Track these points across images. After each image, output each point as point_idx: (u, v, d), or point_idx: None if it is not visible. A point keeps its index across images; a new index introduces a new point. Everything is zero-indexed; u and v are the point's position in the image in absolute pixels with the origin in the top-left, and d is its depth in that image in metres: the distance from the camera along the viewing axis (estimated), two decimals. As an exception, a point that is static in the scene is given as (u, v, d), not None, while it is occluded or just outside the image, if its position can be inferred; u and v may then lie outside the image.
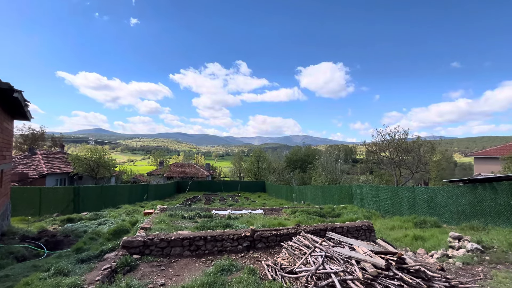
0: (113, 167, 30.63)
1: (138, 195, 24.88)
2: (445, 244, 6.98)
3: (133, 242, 5.88)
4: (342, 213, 14.03)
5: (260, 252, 6.37)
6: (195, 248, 6.18)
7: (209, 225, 8.37)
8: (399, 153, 22.27)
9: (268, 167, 49.84)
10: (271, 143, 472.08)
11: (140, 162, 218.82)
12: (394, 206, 13.92)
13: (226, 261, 5.43)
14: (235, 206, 19.23)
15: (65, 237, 9.32)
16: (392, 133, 22.18)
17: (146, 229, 8.02)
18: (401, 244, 7.95)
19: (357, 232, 7.78)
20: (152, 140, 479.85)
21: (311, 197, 23.88)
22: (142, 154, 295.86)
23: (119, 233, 8.62)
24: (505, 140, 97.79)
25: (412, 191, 13.12)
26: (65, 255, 6.71)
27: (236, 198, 30.19)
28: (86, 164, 25.95)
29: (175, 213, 10.73)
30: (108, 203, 19.11)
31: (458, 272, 5.11)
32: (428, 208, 12.03)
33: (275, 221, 10.08)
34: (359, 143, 27.70)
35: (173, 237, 6.12)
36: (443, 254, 6.28)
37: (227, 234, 6.50)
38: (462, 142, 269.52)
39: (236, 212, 12.84)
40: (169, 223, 9.03)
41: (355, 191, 17.57)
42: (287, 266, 4.80)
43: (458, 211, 10.67)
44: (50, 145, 39.63)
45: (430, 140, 24.70)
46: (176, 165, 49.48)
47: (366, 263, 3.71)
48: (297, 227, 7.29)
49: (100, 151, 28.15)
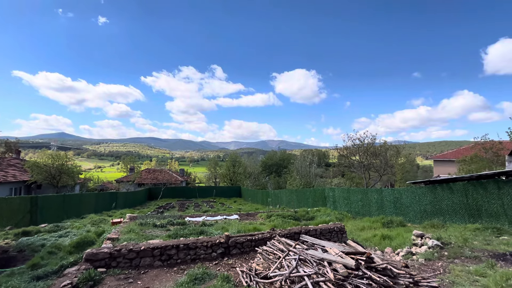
0: (78, 174, 28.53)
1: (106, 204, 23.41)
2: (410, 242, 7.42)
3: (97, 255, 5.48)
4: (316, 216, 14.36)
5: (235, 259, 6.28)
6: (167, 258, 5.93)
7: (182, 233, 8.09)
8: (368, 157, 23.47)
9: (244, 172, 49.73)
10: (247, 148, 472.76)
11: (109, 168, 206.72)
12: (364, 208, 14.57)
13: (200, 270, 5.27)
14: (210, 212, 18.85)
15: (19, 253, 8.43)
16: (362, 138, 23.36)
17: (114, 239, 7.54)
18: (370, 244, 8.31)
19: (329, 234, 8.00)
20: (122, 145, 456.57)
21: (286, 201, 24.19)
22: (111, 160, 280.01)
23: (83, 246, 8.01)
24: (459, 144, 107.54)
25: (380, 193, 13.85)
26: (18, 272, 6.05)
27: (211, 204, 29.65)
28: (46, 171, 23.88)
29: (146, 221, 10.24)
30: (72, 213, 17.72)
31: (421, 268, 5.44)
32: (394, 209, 12.76)
33: (251, 226, 10.02)
34: (332, 147, 28.76)
35: (142, 247, 5.81)
36: (407, 252, 6.67)
37: (200, 242, 6.32)
38: (423, 146, 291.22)
39: (211, 218, 12.58)
40: (139, 232, 8.58)
41: (328, 194, 18.13)
42: (262, 271, 4.77)
43: (421, 211, 11.45)
44: (3, 151, 35.92)
45: (395, 145, 26.36)
46: (148, 171, 47.48)
47: (338, 264, 3.82)
48: (272, 232, 7.31)
49: (62, 157, 26.11)
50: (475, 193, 9.52)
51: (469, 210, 9.67)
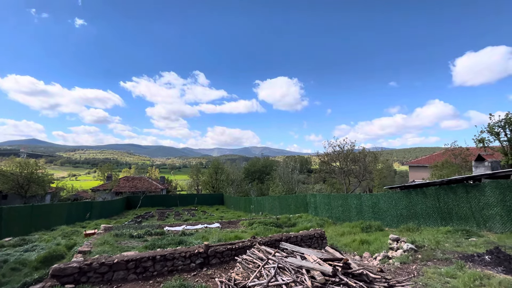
0: (49, 183, 26.94)
1: (79, 214, 22.14)
2: (386, 246, 7.63)
3: (66, 270, 5.13)
4: (298, 222, 14.43)
5: (215, 269, 6.12)
6: (142, 270, 5.67)
7: (159, 243, 7.80)
8: (348, 163, 24.14)
9: (226, 179, 49.21)
10: (230, 155, 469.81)
11: (84, 176, 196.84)
12: (344, 213, 14.86)
13: (177, 282, 5.08)
14: (191, 221, 18.39)
15: (-23, 270, 7.71)
16: (342, 145, 24.04)
17: (85, 252, 7.12)
18: (349, 249, 8.44)
19: (310, 241, 8.05)
20: (99, 152, 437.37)
21: (269, 208, 24.15)
22: (87, 168, 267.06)
23: (51, 260, 7.50)
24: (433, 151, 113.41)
25: (359, 198, 14.21)
26: (-26, 292, 5.53)
27: (193, 213, 28.94)
28: (13, 180, 22.33)
29: (122, 232, 9.80)
30: (40, 225, 16.56)
31: (396, 272, 5.59)
32: (373, 214, 13.11)
33: (232, 234, 9.87)
34: (314, 154, 29.34)
35: (116, 260, 5.52)
36: (384, 256, 6.84)
37: (178, 252, 6.12)
38: (400, 152, 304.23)
39: (191, 227, 12.27)
40: (113, 243, 8.18)
41: (310, 200, 18.32)
42: (241, 281, 4.68)
43: (397, 215, 11.86)
44: (-35, 158, 33.19)
45: (374, 151, 27.35)
46: (126, 179, 45.68)
47: (315, 271, 3.83)
48: (252, 240, 7.24)
49: (32, 165, 24.56)
50: (446, 197, 10.03)
51: (441, 213, 10.14)
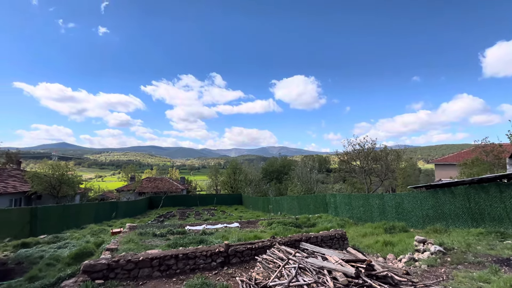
0: (78, 184, 28.49)
1: (106, 214, 23.26)
2: (412, 248, 7.32)
3: (95, 266, 5.42)
4: (317, 222, 14.22)
5: (235, 268, 6.19)
6: (166, 268, 5.85)
7: (181, 242, 8.01)
8: (369, 162, 23.40)
9: (244, 179, 49.51)
10: (247, 155, 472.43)
11: (110, 177, 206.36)
12: (366, 213, 14.44)
13: (199, 280, 5.20)
14: (211, 220, 18.70)
15: (17, 265, 8.34)
16: (362, 143, 23.35)
17: (113, 250, 7.47)
18: (372, 251, 8.20)
19: (331, 241, 7.90)
20: (122, 154, 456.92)
21: (287, 208, 24.00)
22: (112, 169, 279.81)
23: (82, 257, 7.93)
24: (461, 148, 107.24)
25: (382, 198, 13.74)
26: (15, 285, 5.98)
27: (212, 212, 29.43)
28: (46, 181, 23.84)
29: (146, 231, 10.17)
30: (71, 223, 17.60)
31: (423, 275, 5.35)
32: (396, 214, 12.63)
33: (251, 234, 9.93)
34: (332, 153, 28.74)
35: (141, 258, 5.74)
36: (410, 258, 6.57)
37: (200, 251, 6.25)
38: (424, 150, 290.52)
39: (211, 226, 12.48)
40: (138, 242, 8.51)
41: (329, 200, 17.99)
42: (261, 281, 4.70)
43: (423, 215, 11.34)
44: (4, 161, 35.97)
45: (396, 149, 26.31)
46: (148, 180, 47.35)
47: (338, 272, 3.76)
48: (272, 239, 7.23)
49: (63, 167, 26.10)
50: (477, 197, 9.44)
51: (472, 214, 9.56)
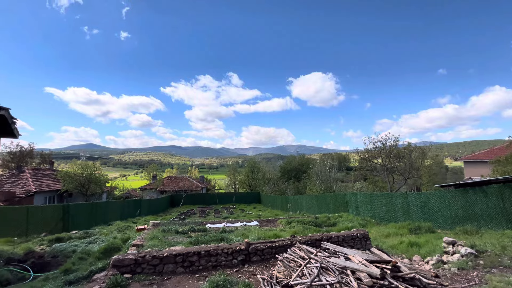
0: (105, 183, 30.00)
1: (131, 211, 24.31)
2: (440, 249, 6.98)
3: (123, 261, 5.69)
4: (338, 221, 13.96)
5: (256, 266, 6.24)
6: (189, 264, 6.02)
7: (203, 240, 8.19)
8: (391, 160, 22.56)
9: (262, 177, 49.60)
10: (265, 154, 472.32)
11: (133, 176, 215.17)
12: (389, 213, 13.95)
13: (221, 277, 5.30)
14: (230, 218, 18.95)
15: (53, 258, 8.96)
16: (383, 140, 22.55)
17: (138, 246, 7.80)
18: (396, 252, 7.92)
19: (352, 241, 7.74)
20: (144, 154, 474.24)
21: (306, 207, 23.76)
22: (135, 169, 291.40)
23: (110, 252, 8.36)
24: (493, 144, 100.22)
25: (406, 197, 13.21)
26: (52, 277, 6.43)
27: (231, 210, 29.80)
28: (76, 180, 25.36)
29: (168, 228, 10.50)
30: (99, 220, 18.58)
31: (453, 278, 5.09)
32: (422, 214, 12.10)
33: (271, 232, 9.94)
34: (352, 151, 28.05)
35: (165, 254, 5.96)
36: (438, 260, 6.28)
37: (221, 248, 6.37)
38: (452, 146, 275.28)
39: (231, 224, 12.64)
40: (162, 239, 8.81)
41: (350, 199, 17.58)
42: (283, 279, 4.71)
43: (452, 216, 10.76)
44: (39, 162, 38.66)
45: (421, 146, 25.15)
46: (169, 179, 48.81)
47: (362, 273, 3.68)
48: (292, 238, 7.21)
49: (91, 167, 27.60)
50: (513, 197, 8.80)
51: (507, 215, 8.94)
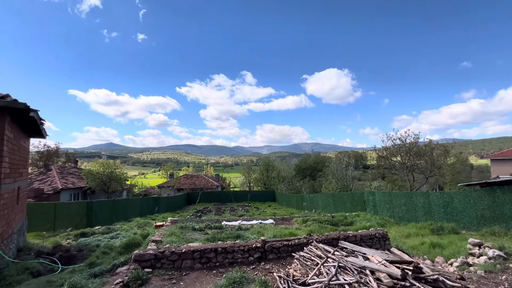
0: (125, 180, 31.09)
1: (149, 208, 25.08)
2: (465, 251, 6.68)
3: (144, 256, 5.89)
4: (355, 221, 13.69)
5: (272, 263, 6.26)
6: (206, 261, 6.14)
7: (219, 237, 8.32)
8: (411, 158, 21.78)
9: (277, 176, 49.49)
10: (279, 152, 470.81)
11: (151, 174, 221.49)
12: (409, 213, 13.50)
13: (238, 273, 5.36)
14: (245, 216, 19.09)
15: (79, 252, 9.44)
16: (403, 138, 21.80)
17: (157, 242, 8.04)
18: (418, 252, 7.66)
19: (371, 241, 7.56)
20: (162, 153, 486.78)
21: (322, 205, 23.47)
22: (153, 167, 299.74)
23: (131, 247, 8.67)
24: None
25: (427, 197, 12.72)
26: (78, 270, 6.78)
27: (246, 208, 29.99)
28: (99, 178, 26.47)
29: (186, 225, 10.74)
30: (120, 216, 19.32)
31: (480, 281, 4.86)
32: (444, 214, 11.60)
33: (286, 231, 9.92)
34: (369, 148, 27.34)
35: (183, 250, 6.10)
36: (463, 262, 6.01)
37: (237, 246, 6.44)
38: (477, 143, 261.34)
39: (247, 222, 12.73)
40: (179, 235, 9.03)
41: (368, 198, 17.17)
42: (299, 278, 4.69)
43: (477, 216, 10.24)
44: (64, 161, 40.77)
45: (443, 143, 24.08)
46: (186, 177, 49.82)
47: (381, 273, 3.59)
48: (308, 237, 7.15)
49: (111, 165, 28.71)
50: (546, 197, 8.25)
51: (539, 216, 8.39)
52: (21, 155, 9.02)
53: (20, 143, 8.91)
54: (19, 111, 7.11)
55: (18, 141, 8.59)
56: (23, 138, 9.43)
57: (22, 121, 8.24)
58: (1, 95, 6.91)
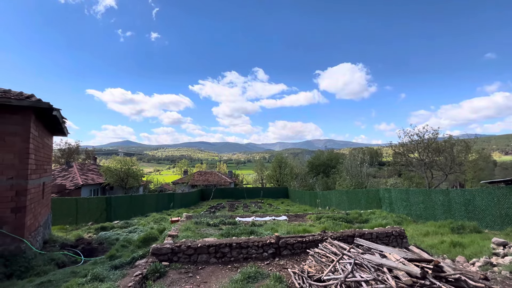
0: (141, 177, 32.01)
1: (165, 204, 25.70)
2: (488, 251, 6.42)
3: (161, 250, 6.06)
4: (370, 218, 13.44)
5: (286, 259, 6.27)
6: (221, 255, 6.24)
7: (233, 232, 8.40)
8: (430, 154, 21.05)
9: (290, 172, 49.26)
10: (292, 149, 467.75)
11: (166, 171, 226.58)
12: (427, 211, 13.10)
13: (252, 269, 5.41)
14: (259, 212, 19.17)
15: (99, 245, 9.84)
16: (421, 133, 21.10)
17: (173, 236, 8.24)
18: (437, 251, 7.43)
19: (387, 239, 7.41)
20: (176, 150, 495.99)
21: (336, 203, 23.19)
22: (167, 164, 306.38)
23: (148, 241, 8.93)
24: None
25: (447, 194, 12.28)
26: (100, 262, 7.08)
27: (259, 205, 30.11)
28: (116, 175, 27.39)
29: (200, 220, 10.92)
30: (137, 211, 19.92)
31: (505, 282, 4.66)
32: (466, 212, 11.17)
33: (300, 227, 9.89)
34: (385, 144, 26.70)
35: (199, 244, 6.23)
36: (486, 262, 5.78)
37: (252, 241, 6.49)
38: (501, 139, 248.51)
39: (260, 219, 12.79)
40: (195, 230, 9.20)
41: (383, 195, 16.80)
42: (314, 274, 4.68)
43: (501, 215, 9.79)
44: (84, 158, 42.45)
45: (464, 139, 23.09)
46: (199, 174, 50.59)
47: (399, 271, 3.52)
48: (323, 234, 7.11)
49: (128, 162, 29.61)
50: None
51: None
52: (45, 152, 9.47)
53: (44, 140, 9.35)
54: (43, 110, 7.46)
55: (42, 139, 9.02)
56: (47, 136, 9.89)
57: (45, 120, 8.64)
58: (26, 95, 7.26)
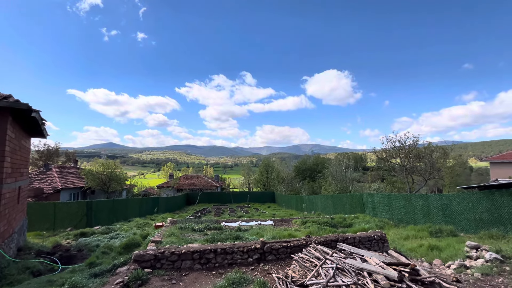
0: (124, 180, 31.09)
1: (149, 208, 25.09)
2: (462, 254, 6.73)
3: (144, 256, 5.93)
4: (354, 223, 13.73)
5: (271, 265, 6.30)
6: (206, 261, 6.18)
7: (219, 238, 8.35)
8: (411, 160, 21.84)
9: (277, 177, 49.53)
10: (279, 153, 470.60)
11: (150, 175, 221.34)
12: (408, 215, 13.55)
13: (237, 274, 5.40)
14: (245, 217, 19.12)
15: (79, 252, 9.47)
16: (402, 140, 21.86)
17: (157, 242, 8.08)
18: (416, 255, 7.71)
19: (369, 243, 7.61)
20: (161, 153, 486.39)
21: (321, 207, 23.51)
22: (152, 167, 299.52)
23: (131, 247, 8.72)
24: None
25: (426, 199, 12.78)
26: (78, 269, 6.82)
27: (246, 209, 30.01)
28: (98, 178, 26.49)
29: (185, 225, 10.77)
30: (120, 216, 19.33)
31: (476, 284, 4.91)
32: (443, 216, 11.66)
33: (285, 232, 9.95)
34: (369, 150, 27.44)
35: (183, 250, 6.15)
36: (460, 265, 6.06)
37: (237, 247, 6.48)
38: (477, 146, 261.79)
39: (246, 223, 12.77)
40: (179, 236, 9.07)
41: (367, 200, 17.22)
42: (298, 279, 4.74)
43: (476, 219, 10.30)
44: (64, 160, 40.77)
45: (442, 146, 24.16)
46: (185, 177, 49.82)
47: (379, 275, 3.65)
48: (307, 239, 7.20)
49: (111, 165, 28.72)
50: (544, 200, 8.31)
51: (537, 219, 8.45)
52: (22, 155, 9.07)
53: (21, 143, 8.96)
54: (21, 112, 7.17)
55: (19, 141, 8.64)
56: (24, 138, 9.48)
57: (23, 121, 8.30)
58: (3, 95, 6.96)
